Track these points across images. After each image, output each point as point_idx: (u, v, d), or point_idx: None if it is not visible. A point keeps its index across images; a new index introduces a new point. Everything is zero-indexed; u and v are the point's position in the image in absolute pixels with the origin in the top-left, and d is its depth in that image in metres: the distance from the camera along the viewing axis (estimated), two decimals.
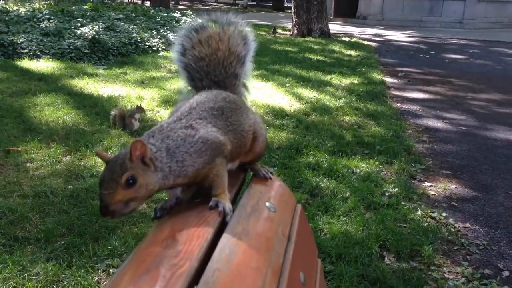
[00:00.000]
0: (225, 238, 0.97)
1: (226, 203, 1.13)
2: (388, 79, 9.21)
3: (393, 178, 4.46)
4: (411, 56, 12.53)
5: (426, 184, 4.44)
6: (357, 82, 8.46)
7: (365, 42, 14.06)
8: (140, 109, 5.22)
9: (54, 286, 2.75)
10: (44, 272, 2.83)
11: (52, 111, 5.55)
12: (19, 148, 4.47)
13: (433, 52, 13.18)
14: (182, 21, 11.89)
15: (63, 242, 3.15)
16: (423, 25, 20.09)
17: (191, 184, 1.20)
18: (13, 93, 6.17)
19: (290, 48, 11.87)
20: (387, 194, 4.11)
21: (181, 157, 1.13)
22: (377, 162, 4.75)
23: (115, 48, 9.12)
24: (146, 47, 9.72)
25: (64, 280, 2.80)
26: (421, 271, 3.03)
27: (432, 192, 4.27)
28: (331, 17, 19.85)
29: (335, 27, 17.08)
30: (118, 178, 1.06)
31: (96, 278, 2.86)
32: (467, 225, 3.73)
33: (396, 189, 4.18)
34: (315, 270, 1.29)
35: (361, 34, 16.41)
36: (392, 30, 18.50)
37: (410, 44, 15.05)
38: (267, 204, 1.18)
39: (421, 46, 14.58)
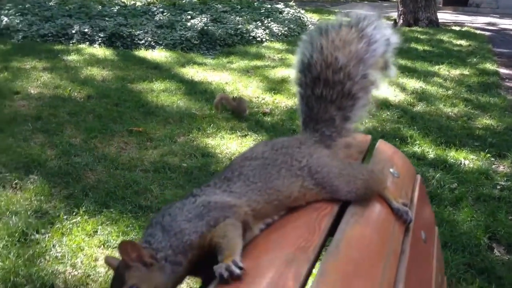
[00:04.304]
0: None
1: (229, 262, 0.95)
2: (503, 70, 8.63)
3: (505, 171, 4.26)
4: None
5: None
6: (468, 73, 8.04)
7: (477, 32, 13.22)
8: (226, 97, 5.58)
9: None
10: None
11: (167, 97, 6.00)
12: (140, 129, 4.92)
13: None
14: (285, 12, 12.07)
15: None
16: None
17: (206, 257, 1.05)
18: (132, 80, 6.75)
19: None
20: (498, 187, 3.95)
21: (179, 228, 1.04)
22: (488, 155, 4.55)
23: (221, 39, 9.53)
24: (250, 37, 10.03)
25: None
26: None
27: None
28: (440, 5, 18.87)
29: (444, 16, 16.24)
30: (123, 277, 0.99)
31: None
32: None
33: (509, 183, 4.00)
34: (433, 233, 1.37)
35: (472, 23, 15.44)
36: (508, 18, 17.16)
37: None
38: (391, 170, 1.28)
39: None
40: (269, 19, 11.24)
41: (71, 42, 8.73)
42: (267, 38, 10.16)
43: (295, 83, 1.41)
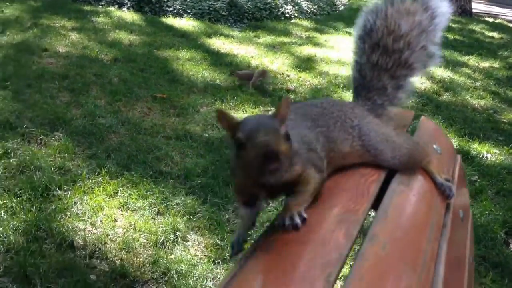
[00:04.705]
0: None
1: (295, 212, 0.99)
2: None
3: None
4: None
5: None
6: (498, 66, 7.87)
7: (511, 25, 12.88)
8: (262, 73, 5.50)
9: (191, 217, 3.11)
10: (183, 204, 3.21)
11: (192, 66, 6.00)
12: (164, 95, 4.95)
13: None
14: None
15: (199, 181, 3.51)
16: None
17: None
18: (159, 46, 6.75)
19: None
20: None
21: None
22: None
23: (250, 12, 9.44)
24: (279, 13, 9.92)
25: (199, 214, 3.15)
26: None
27: None
28: None
29: (478, 6, 15.82)
30: (277, 127, 0.96)
31: (227, 217, 3.17)
32: None
33: None
34: (469, 214, 1.40)
35: (507, 16, 15.02)
36: None
37: None
38: (434, 146, 1.30)
39: None
40: None
41: (100, 3, 8.73)
42: (296, 15, 10.03)
43: (352, 51, 1.43)
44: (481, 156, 4.33)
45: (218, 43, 7.32)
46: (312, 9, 10.49)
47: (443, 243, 1.19)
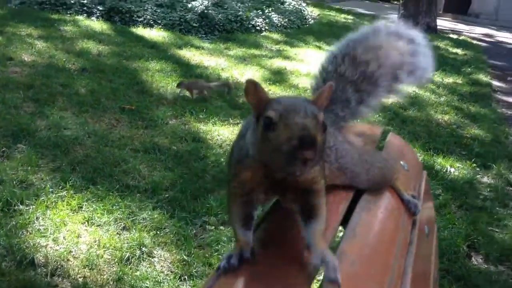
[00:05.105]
0: None
1: (331, 256, 0.90)
2: (496, 83, 8.73)
3: (489, 182, 4.34)
4: None
5: None
6: (461, 82, 8.12)
7: (474, 42, 13.32)
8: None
9: (158, 232, 3.07)
10: (150, 218, 3.16)
11: (162, 77, 5.96)
12: (133, 107, 4.90)
13: None
14: (287, 3, 12.02)
15: (167, 195, 3.47)
16: None
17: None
18: (128, 56, 6.68)
19: None
20: (481, 197, 4.02)
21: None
22: (474, 165, 4.62)
23: (221, 24, 9.47)
24: (250, 26, 9.98)
25: (166, 228, 3.11)
26: (509, 276, 2.99)
27: None
28: (440, 12, 18.94)
29: (442, 23, 16.31)
30: (317, 113, 0.84)
31: (194, 231, 3.14)
32: None
33: (492, 194, 4.07)
34: (434, 229, 1.43)
35: (470, 33, 15.54)
36: (505, 31, 17.29)
37: None
38: (401, 162, 1.33)
39: None
40: (270, 9, 11.19)
41: (68, 12, 8.61)
42: (266, 28, 10.12)
43: (323, 61, 1.40)
44: (445, 170, 4.44)
45: (189, 55, 7.30)
46: (282, 23, 10.60)
47: (410, 260, 1.22)
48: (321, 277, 1.01)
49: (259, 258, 0.93)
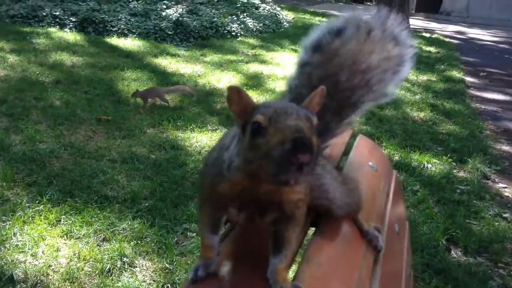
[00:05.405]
0: None
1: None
2: (468, 79, 8.91)
3: (465, 176, 4.41)
4: (495, 56, 11.97)
5: (501, 185, 4.36)
6: (435, 79, 8.26)
7: (446, 39, 13.58)
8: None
9: (139, 241, 3.04)
10: (130, 228, 3.14)
11: (138, 86, 5.92)
12: (109, 117, 4.86)
13: None
14: (261, 8, 12.08)
15: (146, 204, 3.44)
16: (511, 25, 19.00)
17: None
18: (103, 67, 6.63)
19: None
20: (458, 191, 4.09)
21: None
22: (450, 160, 4.70)
23: (196, 31, 9.47)
24: (225, 31, 10.00)
25: (147, 237, 3.09)
26: (488, 267, 3.04)
27: (506, 194, 4.19)
28: (413, 11, 19.26)
29: (415, 22, 16.59)
30: (310, 116, 0.77)
31: (175, 239, 3.12)
32: None
33: (468, 187, 4.15)
34: (405, 227, 1.45)
35: (442, 31, 15.83)
36: (476, 28, 17.67)
37: (495, 44, 14.34)
38: (370, 163, 1.34)
39: (506, 47, 13.86)
40: (245, 14, 11.24)
41: (41, 24, 8.52)
42: (242, 33, 10.15)
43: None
44: (422, 166, 4.50)
45: (165, 63, 7.28)
46: (257, 27, 10.65)
47: (379, 259, 1.22)
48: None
49: (225, 270, 0.93)
